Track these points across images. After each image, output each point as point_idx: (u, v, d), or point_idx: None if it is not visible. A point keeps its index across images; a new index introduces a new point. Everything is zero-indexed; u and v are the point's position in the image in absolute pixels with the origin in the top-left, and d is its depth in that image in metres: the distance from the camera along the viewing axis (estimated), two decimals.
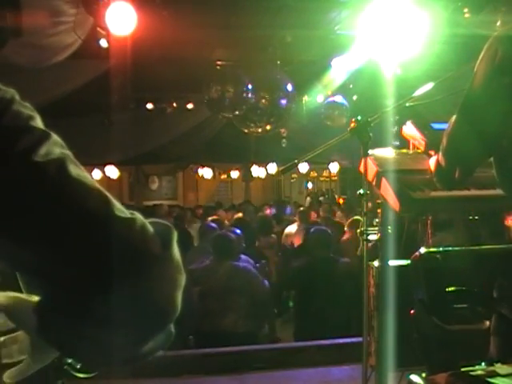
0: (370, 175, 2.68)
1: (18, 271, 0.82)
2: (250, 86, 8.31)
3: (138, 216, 0.78)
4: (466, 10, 5.59)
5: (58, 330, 0.77)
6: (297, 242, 7.49)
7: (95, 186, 0.77)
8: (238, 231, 5.85)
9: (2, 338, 0.99)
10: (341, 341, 4.77)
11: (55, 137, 0.78)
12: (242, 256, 5.38)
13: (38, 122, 0.78)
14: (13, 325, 0.96)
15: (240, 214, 8.82)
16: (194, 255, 5.66)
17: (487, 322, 2.74)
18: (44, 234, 0.72)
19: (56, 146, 0.77)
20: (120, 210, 0.77)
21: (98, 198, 0.76)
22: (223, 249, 5.01)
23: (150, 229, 0.77)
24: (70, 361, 1.05)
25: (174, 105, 10.05)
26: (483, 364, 2.46)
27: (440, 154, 2.17)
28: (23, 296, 0.89)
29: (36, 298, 0.82)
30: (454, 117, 2.08)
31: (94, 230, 0.73)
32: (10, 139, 0.73)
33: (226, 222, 8.52)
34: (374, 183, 2.70)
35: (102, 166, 13.76)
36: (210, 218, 8.19)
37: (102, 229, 0.74)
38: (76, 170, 0.76)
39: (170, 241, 0.79)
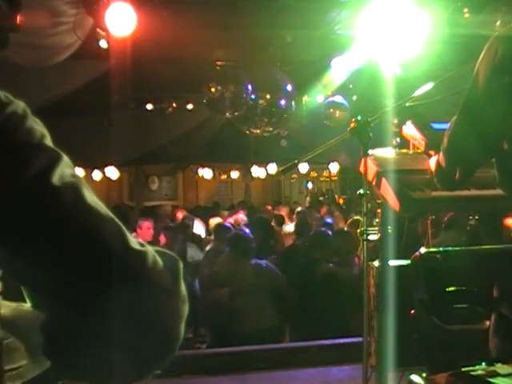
0: (370, 175, 2.68)
1: (28, 288, 0.81)
2: (249, 86, 8.31)
3: (149, 248, 0.78)
4: (465, 9, 5.59)
5: (63, 349, 0.77)
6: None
7: (109, 215, 0.76)
8: (247, 231, 5.89)
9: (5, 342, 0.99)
10: (341, 341, 4.77)
11: (65, 157, 0.77)
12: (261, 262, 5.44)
13: (49, 140, 0.77)
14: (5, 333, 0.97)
15: (241, 216, 8.78)
16: (210, 255, 5.71)
17: (487, 322, 2.74)
18: (57, 261, 0.72)
19: (67, 168, 0.76)
20: (133, 241, 0.76)
21: (113, 228, 0.75)
22: (244, 248, 5.10)
23: (161, 262, 0.78)
24: None
25: (174, 105, 10.05)
26: (483, 364, 2.46)
27: (441, 154, 2.17)
28: (26, 308, 0.89)
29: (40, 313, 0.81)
30: (455, 117, 2.08)
31: (108, 261, 0.73)
32: (24, 158, 0.71)
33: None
34: (373, 183, 2.70)
35: (102, 167, 13.75)
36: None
37: (116, 260, 0.73)
38: (90, 196, 0.75)
39: (178, 274, 0.80)
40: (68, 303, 0.74)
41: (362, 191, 2.65)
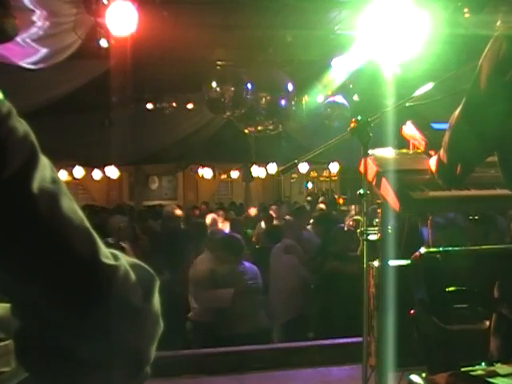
0: (370, 175, 2.68)
1: (5, 296, 0.79)
2: (249, 86, 8.31)
3: (122, 262, 0.75)
4: (466, 9, 5.59)
5: (31, 359, 0.76)
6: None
7: (84, 226, 0.74)
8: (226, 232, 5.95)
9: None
10: (341, 341, 4.77)
11: (45, 159, 0.74)
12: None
13: (33, 140, 0.73)
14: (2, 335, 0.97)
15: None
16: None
17: (487, 322, 2.74)
18: (25, 268, 0.70)
19: (48, 170, 0.73)
20: (105, 255, 0.74)
21: (85, 240, 0.73)
22: (238, 250, 5.15)
23: (133, 278, 0.75)
24: None
25: (174, 105, 10.05)
26: (483, 364, 2.46)
27: (442, 149, 2.17)
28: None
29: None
30: (456, 111, 2.07)
31: (76, 273, 0.71)
32: (3, 157, 0.69)
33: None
34: (373, 183, 2.70)
35: (102, 166, 13.76)
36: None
37: (84, 273, 0.71)
38: (68, 204, 0.73)
39: (151, 291, 0.78)
40: (32, 312, 0.73)
41: (361, 191, 2.65)
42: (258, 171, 15.25)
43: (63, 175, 13.97)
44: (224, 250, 5.13)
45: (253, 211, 10.59)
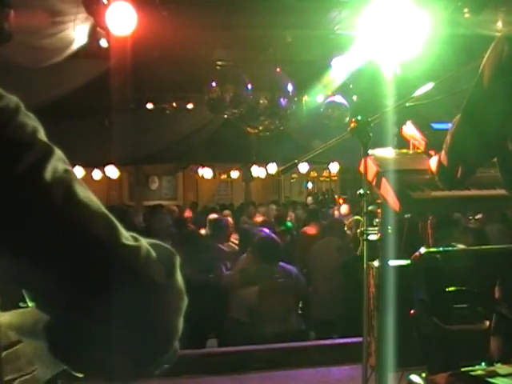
0: (370, 175, 2.68)
1: (26, 290, 0.81)
2: (249, 86, 8.31)
3: (143, 243, 0.77)
4: (466, 10, 5.59)
5: (66, 350, 0.78)
6: None
7: (101, 211, 0.75)
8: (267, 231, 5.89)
9: (4, 353, 0.99)
10: (341, 341, 4.77)
11: (58, 151, 0.76)
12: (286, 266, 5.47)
13: (42, 135, 0.75)
14: (13, 339, 0.98)
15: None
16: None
17: (487, 322, 2.74)
18: (48, 259, 0.71)
19: (60, 162, 0.75)
20: (125, 236, 0.76)
21: (105, 224, 0.74)
22: (272, 251, 5.13)
23: (154, 256, 0.77)
24: None
25: (174, 105, 10.05)
26: (483, 364, 2.46)
27: (443, 152, 2.17)
28: (30, 310, 0.89)
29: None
30: (458, 115, 2.07)
31: (99, 257, 0.73)
32: (14, 153, 0.70)
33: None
34: (373, 183, 2.70)
35: (102, 166, 13.76)
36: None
37: (107, 256, 0.73)
38: (83, 191, 0.74)
39: (174, 268, 0.80)
40: (61, 303, 0.74)
41: (361, 191, 2.65)
42: (257, 171, 15.25)
43: None
44: (259, 250, 5.16)
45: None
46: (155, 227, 6.39)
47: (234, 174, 16.90)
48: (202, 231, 7.29)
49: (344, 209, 9.24)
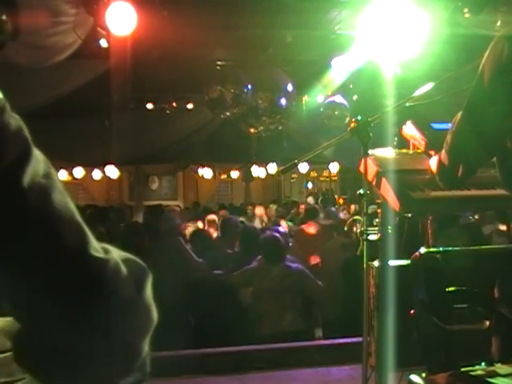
0: (370, 175, 2.68)
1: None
2: (249, 86, 8.31)
3: (113, 256, 0.75)
4: (466, 9, 5.59)
5: (28, 360, 0.76)
6: None
7: (75, 220, 0.74)
8: (282, 229, 5.83)
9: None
10: (341, 341, 4.77)
11: (40, 154, 0.74)
12: (288, 256, 5.43)
13: (26, 136, 0.73)
14: (8, 345, 0.97)
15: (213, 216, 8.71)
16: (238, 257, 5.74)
17: (487, 322, 2.74)
18: (14, 264, 0.70)
19: (41, 165, 0.73)
20: (95, 249, 0.74)
21: (76, 234, 0.73)
22: (274, 251, 5.08)
23: (124, 271, 0.75)
24: None
25: (174, 105, 10.05)
26: (483, 364, 2.46)
27: (443, 152, 2.17)
28: None
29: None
30: (459, 114, 2.07)
31: (65, 267, 0.71)
32: None
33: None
34: (373, 183, 2.70)
35: (102, 166, 13.75)
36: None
37: (73, 267, 0.71)
38: (59, 198, 0.73)
39: (143, 284, 0.78)
40: (24, 310, 0.73)
41: (361, 191, 2.65)
42: (257, 171, 15.25)
43: (63, 175, 13.97)
44: (262, 250, 5.15)
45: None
46: (162, 227, 6.38)
47: (234, 174, 16.89)
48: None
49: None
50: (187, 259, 5.39)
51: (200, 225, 7.88)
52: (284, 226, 7.30)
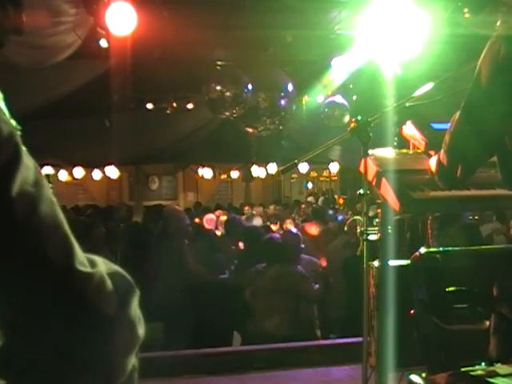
0: (370, 175, 2.68)
1: None
2: (249, 86, 8.31)
3: (99, 269, 0.74)
4: (466, 9, 5.59)
5: (6, 377, 0.74)
6: None
7: (61, 231, 0.72)
8: (294, 230, 5.84)
9: None
10: (341, 341, 4.77)
11: (31, 160, 0.72)
12: (305, 256, 5.42)
13: (18, 142, 0.71)
14: None
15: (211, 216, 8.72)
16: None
17: (487, 322, 2.74)
18: None
19: (31, 172, 0.71)
20: (81, 262, 0.72)
21: (61, 247, 0.71)
22: (272, 253, 5.12)
23: (108, 286, 0.74)
24: None
25: (174, 105, 10.05)
26: (483, 364, 2.46)
27: (442, 152, 2.17)
28: None
29: None
30: (456, 114, 2.07)
31: (48, 281, 0.70)
32: None
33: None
34: (373, 183, 2.70)
35: (102, 166, 13.76)
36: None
37: (56, 280, 0.70)
38: (46, 209, 0.71)
39: (128, 300, 0.76)
40: (5, 321, 0.71)
41: (361, 191, 2.65)
42: (257, 171, 15.26)
43: (63, 175, 13.98)
44: (263, 252, 5.21)
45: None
46: (170, 227, 6.40)
47: (234, 174, 16.89)
48: None
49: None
50: (186, 262, 5.42)
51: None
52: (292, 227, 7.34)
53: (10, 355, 0.72)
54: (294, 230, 5.97)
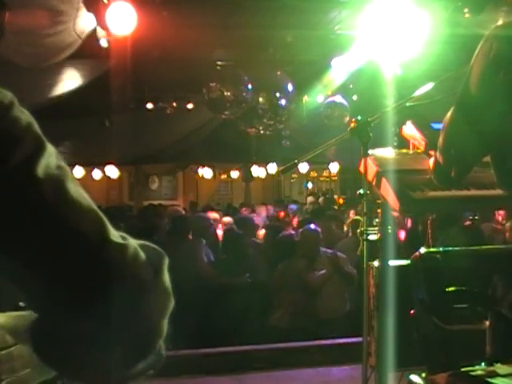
0: (370, 175, 2.68)
1: (17, 288, 0.80)
2: (249, 86, 8.31)
3: (131, 241, 0.77)
4: (466, 9, 5.59)
5: (48, 352, 0.77)
6: None
7: (92, 208, 0.75)
8: (312, 226, 5.88)
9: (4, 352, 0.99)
10: (341, 341, 4.77)
11: (51, 147, 0.76)
12: (328, 250, 5.55)
13: (37, 130, 0.75)
14: (9, 341, 0.98)
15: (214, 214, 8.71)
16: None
17: (487, 322, 2.74)
18: (36, 255, 0.71)
19: (53, 158, 0.74)
20: (114, 234, 0.76)
21: (94, 222, 0.75)
22: (282, 249, 5.43)
23: (142, 255, 0.77)
24: None
25: (174, 105, 10.05)
26: (483, 364, 2.46)
27: (437, 151, 2.17)
28: (25, 313, 0.89)
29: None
30: (449, 113, 2.07)
31: (87, 254, 0.72)
32: (7, 148, 0.70)
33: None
34: (373, 183, 2.70)
35: (102, 166, 13.76)
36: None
37: (95, 254, 0.73)
38: (74, 188, 0.74)
39: (161, 268, 0.80)
40: (46, 300, 0.74)
41: (361, 191, 2.65)
42: (257, 171, 15.25)
43: None
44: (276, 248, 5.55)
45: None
46: (194, 225, 6.42)
47: (234, 174, 16.89)
48: None
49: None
50: (200, 260, 5.55)
51: None
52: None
53: (50, 328, 0.75)
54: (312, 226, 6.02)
